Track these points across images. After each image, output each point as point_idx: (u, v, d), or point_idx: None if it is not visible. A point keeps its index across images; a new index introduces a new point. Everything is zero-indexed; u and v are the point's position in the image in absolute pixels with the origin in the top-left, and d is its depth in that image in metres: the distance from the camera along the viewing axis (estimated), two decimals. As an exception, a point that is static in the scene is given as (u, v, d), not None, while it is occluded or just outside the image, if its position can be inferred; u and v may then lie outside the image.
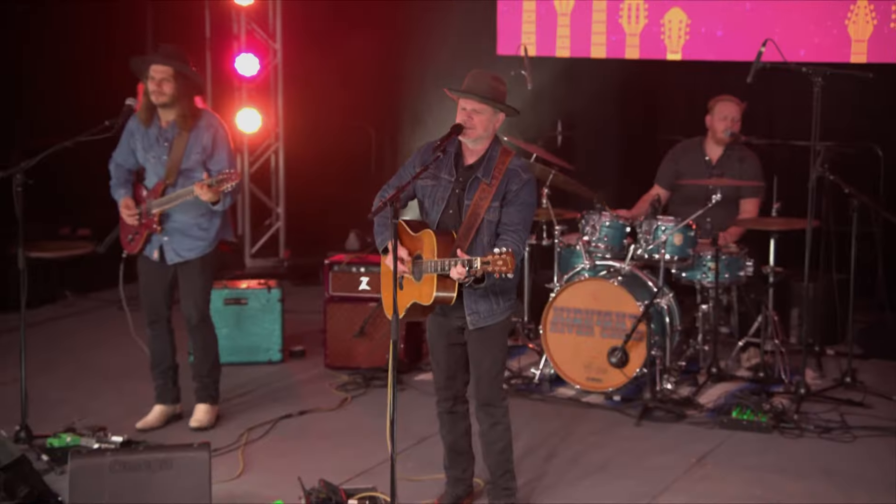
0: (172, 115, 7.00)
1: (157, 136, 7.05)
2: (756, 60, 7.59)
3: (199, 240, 7.15)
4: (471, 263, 5.31)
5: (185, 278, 7.20)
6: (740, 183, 8.39)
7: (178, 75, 6.94)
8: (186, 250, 7.13)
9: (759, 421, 7.21)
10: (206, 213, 7.11)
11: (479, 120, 5.65)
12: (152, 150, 7.06)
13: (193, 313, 7.23)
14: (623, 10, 9.98)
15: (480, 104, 5.65)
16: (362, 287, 8.49)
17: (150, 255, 7.17)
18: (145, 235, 7.13)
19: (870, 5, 9.19)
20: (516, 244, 5.54)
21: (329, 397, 7.91)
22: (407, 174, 5.86)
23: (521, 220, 5.63)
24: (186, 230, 7.12)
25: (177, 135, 7.01)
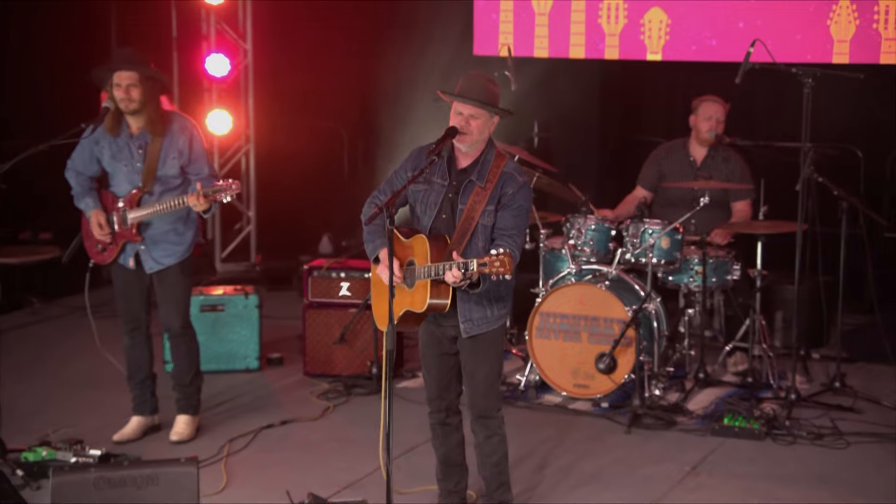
0: (142, 121, 6.77)
1: (128, 143, 6.81)
2: (745, 61, 7.47)
3: (176, 245, 6.95)
4: (466, 266, 5.14)
5: (164, 285, 6.98)
6: (729, 185, 8.26)
7: (143, 79, 6.70)
8: (165, 257, 6.92)
9: (752, 428, 7.09)
10: (181, 218, 6.91)
11: (476, 125, 5.48)
12: (122, 158, 6.81)
13: (175, 321, 7.02)
14: (602, 10, 9.83)
15: (477, 108, 5.47)
16: (342, 293, 8.30)
17: (126, 263, 6.95)
18: (120, 245, 6.90)
19: (852, 5, 9.09)
20: (512, 249, 5.37)
21: (310, 406, 7.72)
22: (399, 179, 5.69)
23: (517, 225, 5.47)
24: (163, 237, 6.91)
25: (150, 141, 6.78)
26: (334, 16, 11.25)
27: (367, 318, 8.16)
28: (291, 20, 11.40)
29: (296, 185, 11.89)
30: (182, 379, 7.13)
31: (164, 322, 7.08)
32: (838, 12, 9.15)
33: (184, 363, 7.11)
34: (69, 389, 8.06)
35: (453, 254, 5.25)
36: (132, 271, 6.95)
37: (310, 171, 11.87)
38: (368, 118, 11.70)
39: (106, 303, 10.27)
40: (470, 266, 5.13)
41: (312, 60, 11.50)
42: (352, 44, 11.32)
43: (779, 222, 7.92)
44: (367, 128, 11.80)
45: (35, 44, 10.53)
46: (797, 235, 7.45)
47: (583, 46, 9.95)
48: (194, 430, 7.11)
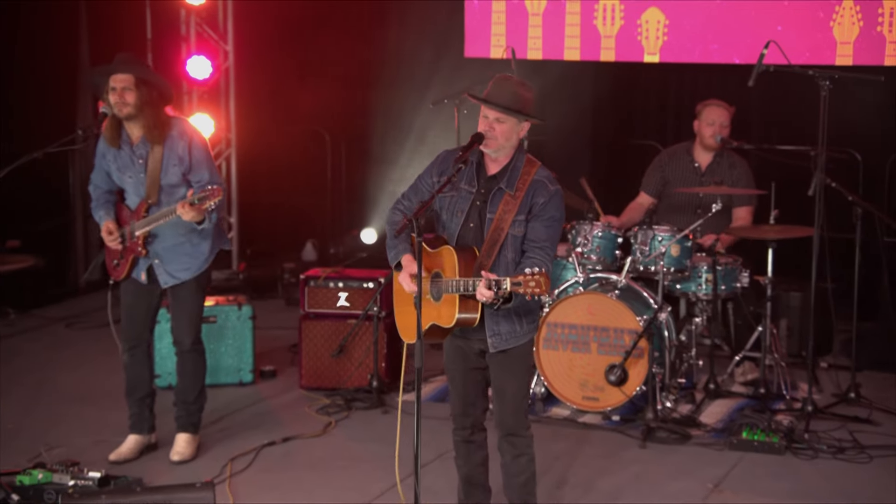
0: (139, 129, 6.47)
1: (130, 154, 6.51)
2: (758, 63, 7.25)
3: (192, 258, 6.65)
4: (499, 284, 4.89)
5: (178, 301, 6.69)
6: (743, 191, 8.03)
7: (139, 83, 6.37)
8: (181, 271, 6.62)
9: (771, 442, 6.87)
10: (195, 229, 6.58)
11: (500, 130, 5.22)
12: (128, 170, 6.53)
13: (186, 338, 6.73)
14: (598, 10, 9.61)
15: (502, 113, 5.21)
16: (340, 303, 8.01)
17: (137, 277, 6.65)
18: (130, 259, 6.60)
19: (855, 7, 8.94)
20: (545, 263, 5.13)
21: (311, 421, 7.43)
22: (424, 183, 5.42)
23: (549, 237, 5.22)
24: (177, 249, 6.61)
25: (150, 150, 6.47)
26: (319, 16, 10.98)
27: (366, 330, 7.89)
28: (273, 20, 11.10)
29: (278, 190, 11.62)
30: (186, 396, 6.83)
31: (176, 337, 6.78)
32: (841, 14, 9.00)
33: (190, 380, 6.82)
34: (54, 405, 7.72)
35: (483, 271, 4.99)
36: (143, 286, 6.66)
37: (292, 176, 11.59)
38: (352, 121, 11.41)
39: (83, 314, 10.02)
40: (503, 285, 4.88)
41: (295, 62, 11.24)
42: (337, 44, 11.01)
43: (790, 227, 7.72)
44: (350, 131, 11.51)
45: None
46: (814, 241, 7.24)
47: (578, 49, 9.73)
48: (195, 449, 6.81)
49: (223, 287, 10.66)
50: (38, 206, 10.01)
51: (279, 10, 10.93)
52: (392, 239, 5.38)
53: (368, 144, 11.25)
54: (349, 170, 11.64)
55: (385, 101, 10.97)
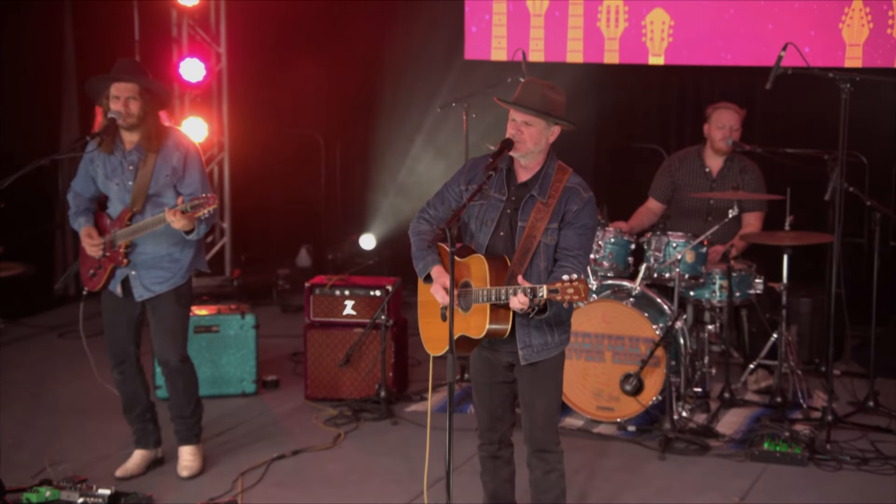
0: (137, 136, 6.25)
1: (121, 160, 6.28)
2: (776, 65, 7.10)
3: (170, 271, 6.39)
4: (535, 292, 4.72)
5: (157, 315, 6.42)
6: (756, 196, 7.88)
7: (143, 92, 6.20)
8: (156, 283, 6.36)
9: (794, 453, 6.72)
10: (178, 242, 6.36)
11: (528, 133, 5.04)
12: (115, 176, 6.29)
13: (171, 355, 6.46)
14: (601, 12, 9.45)
15: (530, 116, 5.04)
16: (347, 312, 7.82)
17: (114, 289, 6.39)
18: (109, 269, 6.34)
19: (865, 8, 8.81)
20: (579, 272, 4.96)
21: (319, 433, 7.23)
22: (451, 192, 5.25)
23: (582, 245, 5.05)
24: (156, 262, 6.35)
25: (142, 158, 6.25)
26: (315, 17, 10.76)
27: (373, 339, 7.70)
28: (267, 22, 10.88)
29: (271, 195, 11.43)
30: (182, 411, 6.61)
31: (160, 356, 6.54)
32: (851, 15, 8.87)
33: (182, 397, 6.58)
34: (52, 417, 7.50)
35: (518, 278, 4.82)
36: (119, 299, 6.40)
37: (286, 181, 11.41)
38: (347, 125, 11.21)
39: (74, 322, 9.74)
40: (539, 292, 4.71)
41: (289, 65, 11.01)
42: (333, 47, 10.82)
43: (806, 234, 7.58)
44: (345, 135, 11.31)
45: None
46: (834, 247, 7.11)
47: (581, 52, 9.56)
48: (202, 459, 6.62)
49: (217, 294, 10.48)
50: (23, 213, 9.76)
51: (273, 11, 10.72)
52: (419, 250, 5.20)
53: (364, 149, 11.05)
54: (344, 174, 11.44)
55: (382, 104, 10.78)
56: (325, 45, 10.80)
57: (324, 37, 10.81)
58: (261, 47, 11.00)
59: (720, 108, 8.17)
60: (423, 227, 5.27)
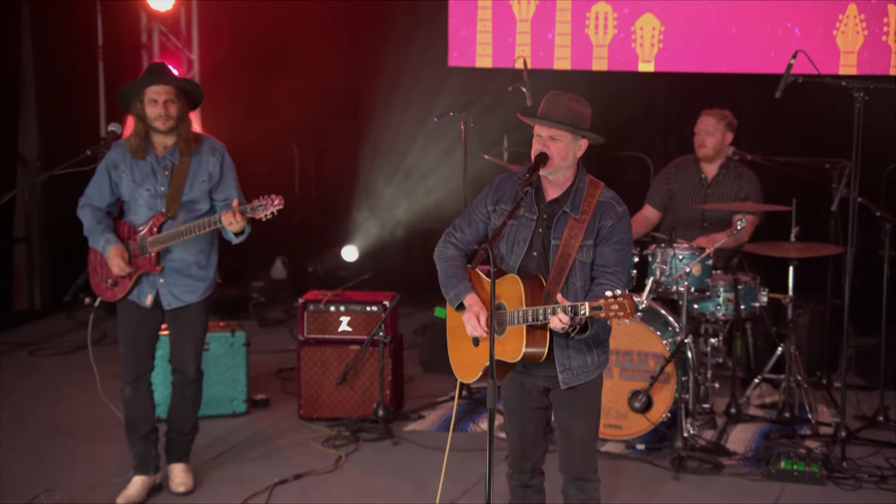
0: (172, 140, 6.04)
1: (154, 165, 6.05)
2: (786, 73, 6.95)
3: (199, 280, 6.21)
4: (575, 310, 4.50)
5: (181, 326, 6.21)
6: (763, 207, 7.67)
7: (180, 93, 5.99)
8: (187, 293, 6.16)
9: (811, 471, 6.55)
10: (204, 250, 6.19)
11: (555, 148, 4.82)
12: (147, 181, 6.06)
13: (191, 366, 6.27)
14: (590, 18, 9.25)
15: (557, 130, 4.81)
16: (342, 328, 7.54)
17: (141, 300, 6.14)
18: (135, 278, 6.09)
19: (860, 15, 8.69)
20: (616, 288, 4.74)
21: (319, 455, 6.95)
22: (478, 213, 5.02)
23: (619, 261, 4.84)
24: (185, 269, 6.15)
25: (176, 163, 6.03)
26: (287, 23, 10.46)
27: (369, 356, 7.44)
28: (241, 28, 10.60)
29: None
30: (183, 427, 6.40)
31: (179, 367, 6.31)
32: (845, 22, 8.75)
33: (188, 411, 6.38)
34: (41, 441, 7.14)
35: (558, 296, 4.59)
36: (146, 310, 6.16)
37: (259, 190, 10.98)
38: (323, 134, 10.93)
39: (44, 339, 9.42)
40: (580, 310, 4.49)
41: (264, 72, 10.72)
42: (307, 53, 10.53)
43: (813, 245, 7.45)
44: (321, 144, 11.02)
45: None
46: (847, 258, 6.97)
47: (569, 59, 9.36)
48: (193, 476, 6.44)
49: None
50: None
51: (247, 17, 10.43)
52: (449, 277, 4.95)
53: (342, 158, 10.79)
54: (320, 184, 11.15)
55: (362, 112, 10.53)
56: (301, 52, 10.51)
57: (300, 43, 10.50)
58: (234, 54, 10.69)
59: (703, 113, 8.01)
60: (451, 251, 5.03)
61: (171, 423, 6.42)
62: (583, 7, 9.24)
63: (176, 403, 6.37)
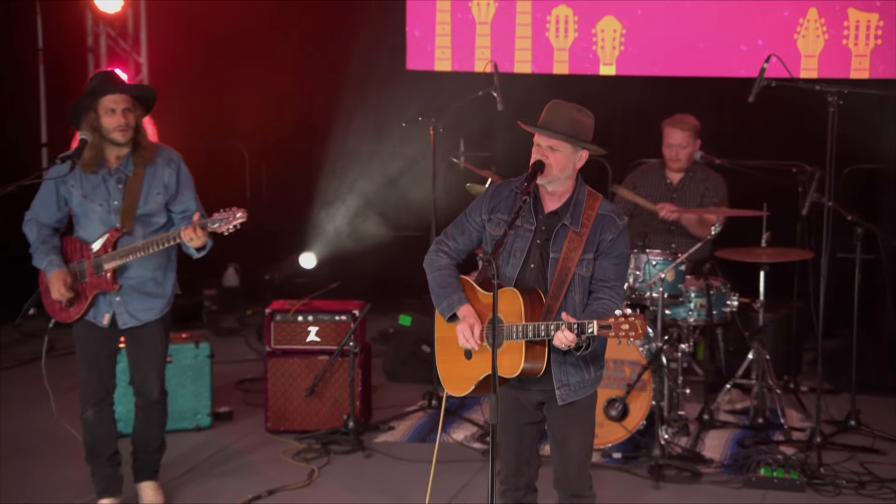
0: (125, 151, 5.78)
1: (105, 178, 5.78)
2: (759, 77, 6.94)
3: (156, 297, 5.96)
4: (582, 328, 4.40)
5: (140, 345, 5.97)
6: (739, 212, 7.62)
7: (136, 101, 5.75)
8: (143, 311, 5.91)
9: (791, 478, 6.51)
10: (162, 265, 5.95)
11: (555, 158, 4.72)
12: (97, 196, 5.79)
13: (153, 387, 6.04)
14: (550, 21, 9.17)
15: (557, 140, 4.71)
16: (311, 338, 7.38)
17: (97, 320, 5.88)
18: (91, 298, 5.84)
19: (820, 19, 8.70)
20: (617, 303, 4.66)
21: (290, 469, 6.78)
22: (471, 223, 4.90)
23: (619, 276, 4.75)
24: (141, 286, 5.89)
25: (130, 175, 5.78)
26: (239, 24, 10.26)
27: (338, 367, 7.28)
28: (190, 30, 10.36)
29: (193, 210, 10.86)
30: (149, 446, 6.19)
31: (141, 388, 6.07)
32: (806, 26, 8.76)
33: (154, 431, 6.17)
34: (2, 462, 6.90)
35: (563, 314, 4.49)
36: (104, 330, 5.91)
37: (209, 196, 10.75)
38: (275, 137, 10.73)
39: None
40: (588, 328, 4.39)
41: (214, 76, 10.52)
42: (260, 56, 10.34)
43: (784, 250, 7.45)
44: (272, 148, 10.83)
45: None
46: (821, 262, 6.95)
47: (529, 62, 9.27)
48: (162, 494, 6.23)
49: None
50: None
51: (196, 18, 10.20)
52: (442, 287, 4.82)
53: (295, 162, 10.60)
54: (272, 189, 10.95)
55: (312, 118, 10.35)
56: (253, 54, 10.32)
57: (252, 45, 10.32)
58: (184, 57, 10.46)
59: (668, 124, 7.94)
60: (443, 260, 4.91)
61: (137, 444, 6.21)
62: (543, 10, 9.15)
63: (141, 426, 6.15)
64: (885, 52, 8.59)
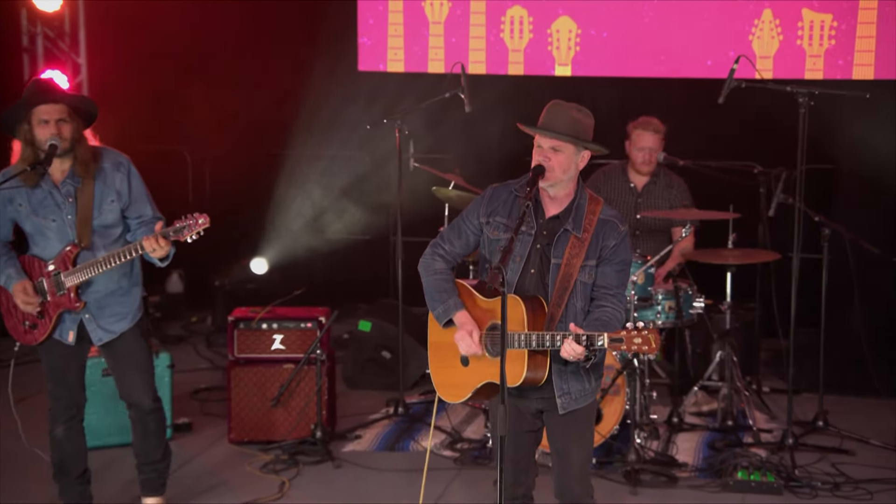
0: (69, 163, 5.54)
1: (51, 193, 5.53)
2: (729, 78, 6.94)
3: (125, 305, 5.75)
4: (592, 340, 4.30)
5: (121, 356, 5.76)
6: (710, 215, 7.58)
7: (73, 112, 5.50)
8: (115, 322, 5.71)
9: (768, 481, 6.48)
10: (126, 273, 5.74)
11: (557, 160, 4.63)
12: (50, 212, 5.54)
13: (145, 396, 5.82)
14: (504, 22, 9.07)
15: (559, 141, 4.61)
16: (275, 346, 7.20)
17: (64, 337, 5.67)
18: (55, 317, 5.62)
19: (775, 20, 8.71)
20: (620, 312, 4.58)
21: (259, 482, 6.61)
22: (468, 226, 4.79)
23: (621, 283, 4.67)
24: (108, 299, 5.68)
25: (78, 187, 5.53)
26: (181, 24, 10.00)
27: (305, 375, 7.12)
28: (131, 29, 10.07)
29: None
30: (152, 457, 5.96)
31: (131, 400, 5.84)
32: (761, 27, 8.77)
33: (154, 440, 5.94)
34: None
35: (571, 325, 4.39)
36: (70, 348, 5.69)
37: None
38: (218, 141, 10.49)
39: None
40: (598, 341, 4.30)
41: (155, 77, 10.25)
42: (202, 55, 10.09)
43: (751, 251, 7.44)
44: (215, 152, 10.59)
45: None
46: (793, 263, 6.95)
47: (483, 63, 9.17)
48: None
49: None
50: None
51: (139, 18, 9.93)
52: (437, 291, 4.71)
53: (239, 164, 10.38)
54: (216, 192, 10.72)
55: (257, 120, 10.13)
56: (196, 55, 10.07)
57: (194, 45, 10.06)
58: (126, 58, 10.18)
59: (639, 127, 7.87)
60: (439, 264, 4.79)
61: (139, 457, 5.99)
62: (497, 10, 9.05)
63: (139, 437, 5.94)
64: (838, 52, 8.62)
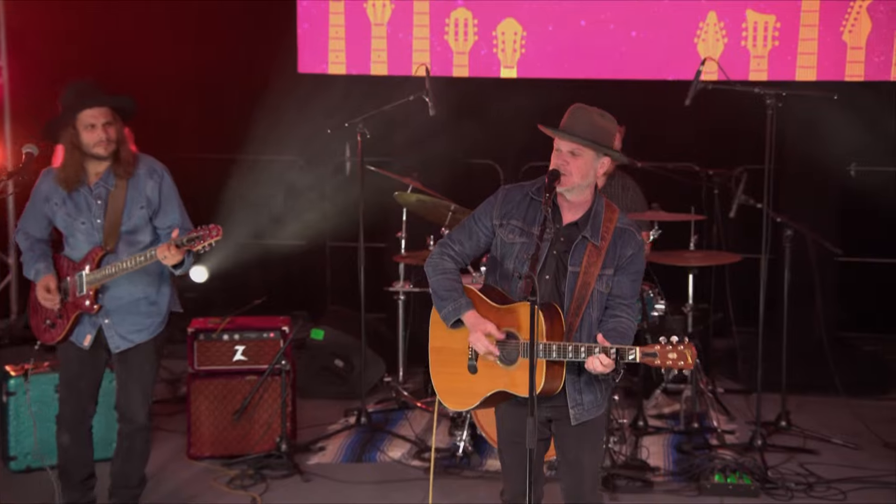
0: (105, 165, 5.46)
1: (85, 195, 5.45)
2: (695, 80, 6.94)
3: (150, 316, 5.63)
4: (622, 354, 4.22)
5: (129, 367, 5.62)
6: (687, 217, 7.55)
7: (115, 113, 5.41)
8: (135, 332, 5.58)
9: (745, 484, 6.48)
10: (155, 283, 5.61)
11: (576, 165, 4.52)
12: (80, 214, 5.46)
13: (139, 412, 5.67)
14: (449, 24, 8.95)
15: (579, 145, 4.51)
16: (237, 358, 6.99)
17: (79, 341, 5.55)
18: (73, 318, 5.47)
19: (720, 23, 8.73)
20: (633, 322, 4.52)
21: (230, 498, 6.41)
22: (480, 227, 4.67)
23: (634, 293, 4.61)
24: (132, 307, 5.57)
25: (111, 190, 5.42)
26: (114, 27, 9.69)
27: (269, 387, 6.91)
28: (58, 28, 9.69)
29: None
30: (129, 480, 5.82)
31: (125, 413, 5.70)
32: (706, 29, 8.78)
33: (137, 462, 5.81)
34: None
35: (599, 336, 4.30)
36: (87, 353, 5.57)
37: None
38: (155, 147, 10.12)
39: None
40: (629, 355, 4.21)
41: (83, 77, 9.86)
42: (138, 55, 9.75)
43: (712, 253, 7.45)
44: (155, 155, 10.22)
45: None
46: (762, 266, 6.94)
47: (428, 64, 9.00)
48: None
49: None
50: None
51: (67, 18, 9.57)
52: (447, 290, 4.59)
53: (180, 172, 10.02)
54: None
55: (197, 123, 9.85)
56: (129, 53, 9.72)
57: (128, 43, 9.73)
58: (51, 60, 9.78)
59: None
60: (448, 264, 4.66)
61: (115, 477, 5.84)
62: (441, 12, 8.92)
63: (122, 455, 5.79)
64: (781, 53, 8.67)
